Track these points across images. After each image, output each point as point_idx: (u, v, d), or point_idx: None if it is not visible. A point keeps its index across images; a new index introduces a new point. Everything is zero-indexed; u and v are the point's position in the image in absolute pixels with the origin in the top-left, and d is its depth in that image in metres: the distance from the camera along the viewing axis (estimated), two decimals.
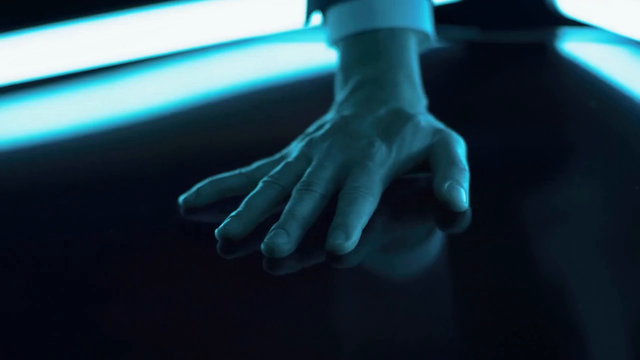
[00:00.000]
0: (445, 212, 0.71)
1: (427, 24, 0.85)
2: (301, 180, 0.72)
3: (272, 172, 0.74)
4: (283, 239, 0.68)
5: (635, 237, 0.68)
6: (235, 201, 0.72)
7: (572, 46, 1.12)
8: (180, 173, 0.84)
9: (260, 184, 0.73)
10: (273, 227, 0.68)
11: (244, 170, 0.77)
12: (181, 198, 0.76)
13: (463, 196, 0.72)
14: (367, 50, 0.83)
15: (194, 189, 0.76)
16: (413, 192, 0.76)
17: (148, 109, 1.02)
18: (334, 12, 0.86)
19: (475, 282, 0.63)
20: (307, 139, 0.76)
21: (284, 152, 0.78)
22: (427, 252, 0.69)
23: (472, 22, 0.88)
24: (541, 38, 1.12)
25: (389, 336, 0.58)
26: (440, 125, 0.77)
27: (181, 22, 1.13)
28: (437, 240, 0.71)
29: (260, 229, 0.69)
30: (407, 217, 0.73)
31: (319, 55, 1.11)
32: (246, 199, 0.72)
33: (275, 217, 0.69)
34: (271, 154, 0.77)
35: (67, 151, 0.93)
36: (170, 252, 0.71)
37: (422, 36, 0.85)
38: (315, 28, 1.13)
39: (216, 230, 0.70)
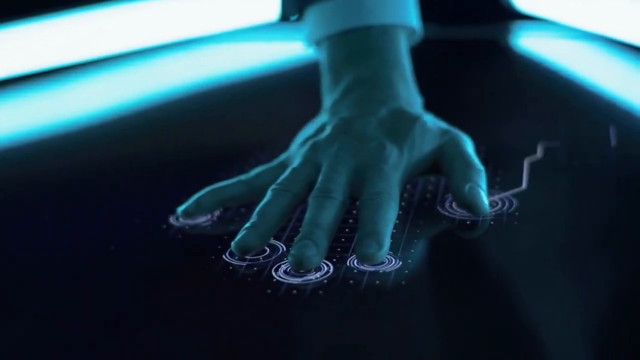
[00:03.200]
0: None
1: (415, 19, 0.82)
2: (317, 187, 0.68)
3: (280, 180, 0.70)
4: (312, 251, 0.64)
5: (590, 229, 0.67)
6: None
7: (527, 40, 1.10)
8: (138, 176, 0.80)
9: (270, 193, 0.69)
10: (298, 238, 0.65)
11: (243, 177, 0.73)
12: (180, 209, 0.71)
13: (485, 199, 0.69)
14: (358, 48, 0.80)
15: (193, 199, 0.72)
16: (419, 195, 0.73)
17: (95, 113, 0.97)
18: (316, 10, 0.82)
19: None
20: (309, 143, 0.73)
21: (282, 158, 0.74)
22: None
23: (428, 19, 0.85)
24: (496, 33, 1.11)
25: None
26: (444, 124, 0.75)
27: (124, 23, 1.07)
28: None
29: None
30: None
31: (262, 56, 1.08)
32: (258, 209, 0.68)
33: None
34: (228, 156, 0.73)
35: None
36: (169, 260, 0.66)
37: (410, 32, 0.82)
38: (261, 27, 1.10)
39: (233, 243, 0.66)
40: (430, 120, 0.74)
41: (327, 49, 0.81)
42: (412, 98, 0.78)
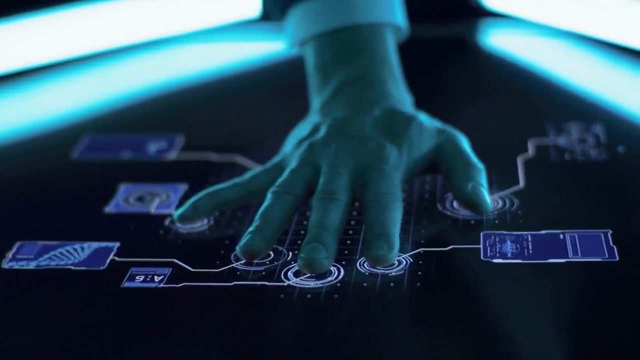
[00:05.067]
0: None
1: (401, 17, 0.81)
2: (320, 189, 0.67)
3: (279, 182, 0.69)
4: (322, 254, 0.62)
5: None
6: None
7: (495, 38, 1.10)
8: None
9: (270, 195, 0.68)
10: (306, 241, 0.63)
11: (238, 180, 0.71)
12: (176, 213, 0.70)
13: (488, 198, 0.68)
14: (346, 47, 0.79)
15: (189, 203, 0.70)
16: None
17: (65, 115, 0.94)
18: (301, 9, 0.81)
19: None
20: (305, 143, 0.71)
21: (276, 160, 0.73)
22: None
23: None
24: (464, 31, 1.10)
25: None
26: (439, 123, 0.74)
27: (95, 23, 1.05)
28: None
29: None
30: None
31: (233, 55, 1.06)
32: (261, 212, 0.66)
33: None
34: None
35: None
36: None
37: (397, 30, 0.81)
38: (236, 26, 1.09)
39: (238, 248, 0.64)
40: (426, 120, 0.73)
41: (313, 49, 0.80)
42: (402, 97, 0.77)
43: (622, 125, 0.85)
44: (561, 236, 0.65)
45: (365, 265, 0.63)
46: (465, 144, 0.72)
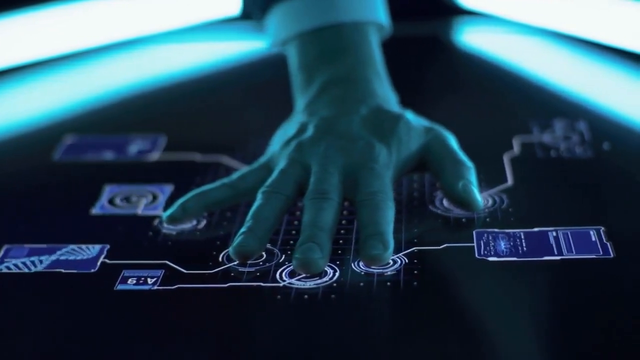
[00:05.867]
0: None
1: (384, 15, 0.81)
2: (311, 188, 0.67)
3: (269, 182, 0.68)
4: (317, 254, 0.62)
5: None
6: None
7: (468, 36, 1.11)
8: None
9: (260, 195, 0.67)
10: (300, 241, 0.63)
11: (226, 181, 0.71)
12: (165, 214, 0.69)
13: (479, 196, 0.68)
14: (330, 46, 0.78)
15: (178, 204, 0.69)
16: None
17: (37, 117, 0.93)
18: (283, 8, 0.81)
19: None
20: (293, 143, 0.71)
21: (263, 159, 0.72)
22: None
23: None
24: (436, 30, 1.10)
25: None
26: (426, 122, 0.74)
27: (69, 23, 1.04)
28: None
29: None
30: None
31: (206, 54, 1.06)
32: (252, 212, 0.66)
33: None
34: None
35: None
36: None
37: (379, 28, 0.81)
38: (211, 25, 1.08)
39: (231, 248, 0.64)
40: (413, 118, 0.73)
41: (296, 48, 0.80)
42: (388, 95, 0.77)
43: (605, 121, 0.85)
44: (554, 234, 0.65)
45: (360, 264, 0.63)
46: (453, 142, 0.72)
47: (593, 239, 0.65)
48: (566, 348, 0.55)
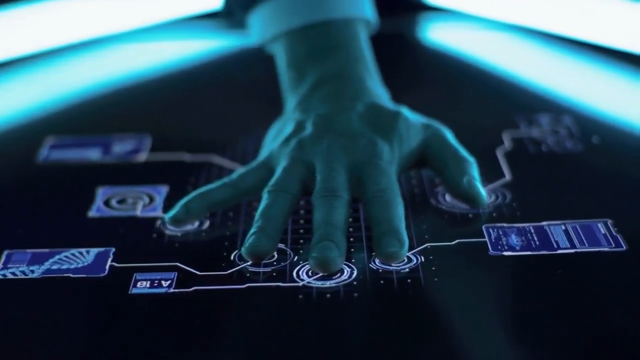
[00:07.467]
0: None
1: (371, 11, 0.81)
2: (320, 187, 0.66)
3: (274, 181, 0.67)
4: (334, 252, 0.62)
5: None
6: None
7: (434, 32, 1.11)
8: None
9: (267, 195, 0.66)
10: (315, 239, 0.62)
11: (227, 180, 0.70)
12: (168, 216, 0.68)
13: (483, 191, 0.69)
14: (320, 44, 0.78)
15: (181, 205, 0.68)
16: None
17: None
18: (269, 6, 0.80)
19: None
20: (293, 141, 0.70)
21: (261, 158, 0.71)
22: None
23: None
24: (402, 27, 1.10)
25: None
26: (422, 117, 0.74)
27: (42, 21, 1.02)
28: None
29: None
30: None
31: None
32: (261, 212, 0.65)
33: None
34: None
35: None
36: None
37: (367, 24, 0.81)
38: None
39: (244, 249, 0.63)
40: (410, 114, 0.73)
41: (285, 46, 0.79)
42: (380, 92, 0.77)
43: (588, 115, 0.86)
44: (563, 227, 0.66)
45: (376, 262, 0.63)
46: (451, 137, 0.72)
47: (602, 231, 0.65)
48: (597, 341, 0.55)
